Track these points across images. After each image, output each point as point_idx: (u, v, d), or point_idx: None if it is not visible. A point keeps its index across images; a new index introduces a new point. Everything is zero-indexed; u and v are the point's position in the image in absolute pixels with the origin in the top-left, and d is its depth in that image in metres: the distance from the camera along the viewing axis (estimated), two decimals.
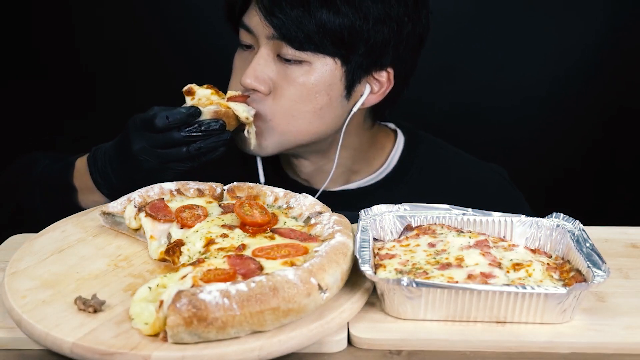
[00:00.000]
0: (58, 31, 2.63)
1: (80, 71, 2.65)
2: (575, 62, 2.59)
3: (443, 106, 2.63)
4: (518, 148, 2.70)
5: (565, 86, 2.62)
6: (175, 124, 1.57)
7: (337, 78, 1.71)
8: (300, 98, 1.70)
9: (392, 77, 1.79)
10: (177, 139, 1.58)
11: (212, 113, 1.61)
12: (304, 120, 1.73)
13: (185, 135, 1.58)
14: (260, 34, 1.70)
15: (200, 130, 1.59)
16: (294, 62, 1.69)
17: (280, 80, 1.70)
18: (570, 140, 2.67)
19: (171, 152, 1.60)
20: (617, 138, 2.68)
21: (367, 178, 1.94)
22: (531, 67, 2.61)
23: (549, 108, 2.67)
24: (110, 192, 1.69)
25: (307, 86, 1.69)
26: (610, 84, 2.60)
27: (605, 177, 2.74)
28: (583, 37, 2.56)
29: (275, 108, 1.71)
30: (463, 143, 2.10)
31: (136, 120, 1.62)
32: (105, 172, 1.68)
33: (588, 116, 2.64)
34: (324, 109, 1.73)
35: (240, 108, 1.66)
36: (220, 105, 1.64)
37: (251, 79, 1.69)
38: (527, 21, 2.58)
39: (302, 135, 1.75)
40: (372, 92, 1.79)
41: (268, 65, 1.70)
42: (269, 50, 1.70)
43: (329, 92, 1.71)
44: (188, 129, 1.58)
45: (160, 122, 1.57)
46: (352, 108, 1.77)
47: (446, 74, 2.49)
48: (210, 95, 1.66)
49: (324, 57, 1.68)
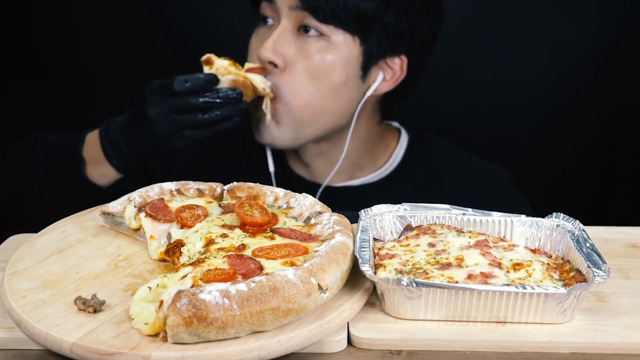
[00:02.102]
0: (58, 31, 2.63)
1: (80, 71, 2.65)
2: (575, 62, 2.59)
3: (444, 106, 2.63)
4: (518, 148, 2.70)
5: (565, 86, 2.62)
6: (193, 89, 1.59)
7: (355, 57, 1.73)
8: (318, 74, 1.71)
9: (405, 66, 1.81)
10: (194, 104, 1.60)
11: (230, 82, 1.63)
12: (321, 100, 1.73)
13: (203, 100, 1.60)
14: (282, 5, 1.71)
15: (218, 97, 1.61)
16: (314, 36, 1.70)
17: (298, 56, 1.71)
18: (570, 140, 2.67)
19: (187, 118, 1.61)
20: (617, 138, 2.68)
21: (371, 175, 1.94)
22: (531, 67, 2.61)
23: (549, 108, 2.67)
24: (120, 162, 1.70)
25: (325, 62, 1.71)
26: (610, 85, 2.60)
27: (605, 177, 2.74)
28: (583, 38, 2.56)
29: (292, 85, 1.72)
30: (463, 143, 2.11)
31: (154, 84, 1.63)
32: (116, 141, 1.68)
33: (588, 116, 2.64)
34: (340, 86, 1.74)
35: (258, 79, 1.69)
36: (239, 75, 1.66)
37: (269, 52, 1.71)
38: (527, 21, 2.58)
39: (317, 118, 1.75)
40: (385, 80, 1.81)
41: (287, 40, 1.71)
42: (290, 23, 1.71)
43: (346, 70, 1.73)
44: (206, 94, 1.60)
45: (179, 85, 1.58)
46: (366, 92, 1.79)
47: (447, 74, 2.49)
48: (229, 66, 1.68)
49: (344, 33, 1.70)
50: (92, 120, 2.26)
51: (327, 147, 1.88)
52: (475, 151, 2.06)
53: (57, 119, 2.64)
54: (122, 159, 1.69)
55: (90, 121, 1.91)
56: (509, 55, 2.59)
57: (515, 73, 2.61)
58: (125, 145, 1.67)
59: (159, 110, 1.60)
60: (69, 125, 1.89)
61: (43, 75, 2.66)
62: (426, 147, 2.00)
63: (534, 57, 2.60)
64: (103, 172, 1.73)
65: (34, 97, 2.66)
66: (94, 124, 1.80)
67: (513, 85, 2.62)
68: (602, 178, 2.74)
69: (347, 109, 1.80)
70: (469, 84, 2.63)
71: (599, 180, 2.74)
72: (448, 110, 2.65)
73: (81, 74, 2.66)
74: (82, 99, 2.68)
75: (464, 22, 2.40)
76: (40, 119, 2.65)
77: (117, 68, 2.67)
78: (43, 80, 2.66)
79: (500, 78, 2.60)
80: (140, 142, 1.66)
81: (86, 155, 1.74)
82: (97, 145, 1.71)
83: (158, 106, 1.60)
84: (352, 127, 1.82)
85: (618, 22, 2.58)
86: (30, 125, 2.54)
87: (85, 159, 1.74)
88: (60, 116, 2.66)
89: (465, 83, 2.63)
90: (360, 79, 1.77)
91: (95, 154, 1.72)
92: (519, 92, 2.64)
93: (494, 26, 2.51)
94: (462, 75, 2.61)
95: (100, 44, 2.64)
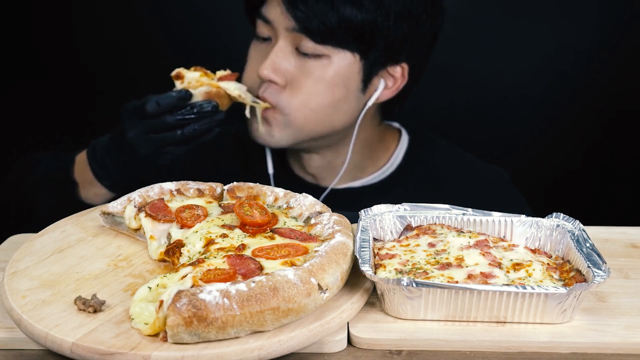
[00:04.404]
0: (58, 31, 2.63)
1: (80, 71, 2.65)
2: (575, 63, 2.59)
3: (444, 106, 2.63)
4: (518, 148, 2.70)
5: (565, 86, 2.62)
6: (166, 109, 1.59)
7: (355, 72, 1.72)
8: (319, 91, 1.71)
9: (407, 72, 1.80)
10: (170, 122, 1.60)
11: (203, 94, 1.62)
12: (321, 114, 1.73)
13: (179, 118, 1.60)
14: (279, 26, 1.70)
15: (193, 112, 1.60)
16: (313, 56, 1.69)
17: (298, 74, 1.71)
18: (570, 140, 2.67)
19: (166, 136, 1.61)
20: (616, 138, 2.68)
21: (371, 176, 1.94)
22: (531, 68, 2.61)
23: (548, 108, 2.67)
24: (111, 183, 1.70)
25: (326, 80, 1.70)
26: (609, 85, 2.60)
27: (604, 177, 2.74)
28: (582, 38, 2.56)
29: (293, 102, 1.72)
30: (463, 143, 2.11)
31: (128, 107, 1.63)
32: (104, 163, 1.68)
33: (587, 116, 2.64)
34: (340, 102, 1.74)
35: (232, 86, 1.67)
36: (211, 85, 1.64)
37: (269, 70, 1.70)
38: (527, 22, 2.58)
39: (318, 128, 1.76)
40: (386, 88, 1.81)
41: (286, 58, 1.71)
42: (288, 42, 1.70)
43: (347, 86, 1.73)
44: (180, 112, 1.59)
45: (151, 107, 1.58)
46: (367, 102, 1.78)
47: (447, 75, 2.49)
48: (200, 77, 1.67)
49: (344, 51, 1.69)
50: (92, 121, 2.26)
51: (328, 153, 1.88)
52: (475, 151, 2.06)
53: (57, 119, 2.65)
54: (112, 180, 1.70)
55: (91, 121, 1.92)
56: (509, 56, 2.59)
57: (515, 74, 2.61)
58: (113, 167, 1.68)
59: (136, 133, 1.61)
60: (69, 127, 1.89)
61: (43, 75, 2.66)
62: (426, 147, 2.00)
63: (534, 57, 2.60)
64: (96, 192, 1.74)
65: (34, 97, 2.66)
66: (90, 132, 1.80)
67: (513, 86, 2.62)
68: (602, 178, 2.74)
69: (348, 120, 1.80)
70: (469, 84, 2.63)
71: (599, 180, 2.74)
72: (448, 111, 2.65)
73: (81, 74, 2.66)
74: (82, 99, 2.68)
75: (464, 24, 2.40)
76: (41, 119, 2.66)
77: (117, 68, 2.67)
78: (43, 80, 2.66)
79: (500, 79, 2.60)
80: (126, 163, 1.66)
81: (78, 178, 1.75)
82: (87, 167, 1.72)
83: (135, 129, 1.61)
84: (355, 135, 1.82)
85: (617, 23, 2.58)
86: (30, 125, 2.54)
87: (77, 182, 1.75)
88: (60, 116, 2.66)
89: (465, 84, 2.63)
90: (361, 92, 1.77)
91: (86, 176, 1.73)
92: (518, 93, 2.64)
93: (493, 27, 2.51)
94: (462, 76, 2.61)
95: (100, 44, 2.64)
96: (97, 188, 1.72)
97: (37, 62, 2.66)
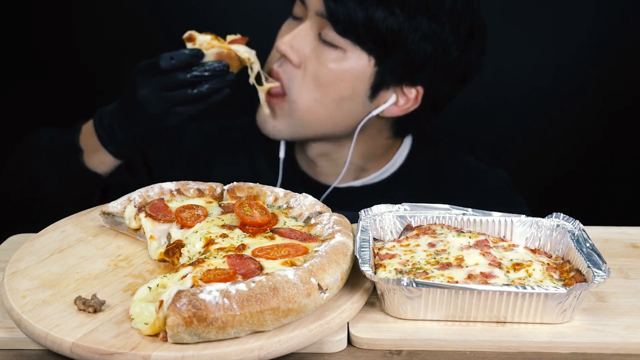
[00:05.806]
0: (58, 31, 2.63)
1: (80, 71, 2.65)
2: (575, 63, 2.59)
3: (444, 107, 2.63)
4: (518, 148, 2.70)
5: (565, 87, 2.62)
6: (179, 65, 1.61)
7: (366, 75, 1.73)
8: (327, 82, 1.72)
9: (420, 97, 1.79)
10: (182, 80, 1.61)
11: (215, 55, 1.65)
12: (324, 108, 1.75)
13: (192, 75, 1.61)
14: (310, 8, 1.73)
15: (205, 70, 1.62)
16: (331, 45, 1.71)
17: (312, 58, 1.73)
18: (569, 140, 2.67)
19: (177, 94, 1.62)
20: (616, 138, 2.68)
21: (373, 176, 1.95)
22: (531, 68, 2.61)
23: (548, 108, 2.67)
24: (116, 149, 1.71)
25: (336, 72, 1.72)
26: (609, 85, 2.60)
27: (604, 177, 2.74)
28: (581, 38, 2.56)
29: (301, 85, 1.74)
30: (464, 143, 2.11)
31: (140, 65, 1.65)
32: (110, 128, 1.70)
33: (587, 116, 2.64)
34: (344, 100, 1.75)
35: (242, 49, 1.71)
36: (222, 47, 1.67)
37: (286, 45, 1.74)
38: (527, 22, 2.58)
39: (319, 125, 1.78)
40: (396, 104, 1.80)
41: (306, 39, 1.73)
42: (313, 25, 1.73)
43: (354, 86, 1.74)
44: (193, 69, 1.61)
45: (165, 63, 1.60)
46: (372, 111, 1.79)
47: None
48: (211, 40, 1.70)
49: (361, 50, 1.70)
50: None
51: (331, 148, 1.88)
52: (475, 151, 2.06)
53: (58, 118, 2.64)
54: (117, 145, 1.71)
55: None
56: (508, 56, 2.59)
57: (515, 74, 2.60)
58: (120, 130, 1.69)
59: (148, 90, 1.62)
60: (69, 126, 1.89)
61: (43, 75, 2.66)
62: (428, 148, 2.01)
63: (534, 58, 2.60)
64: (101, 159, 1.75)
65: (34, 97, 2.66)
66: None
67: (512, 86, 2.62)
68: (602, 178, 2.74)
69: (350, 122, 1.80)
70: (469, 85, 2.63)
71: (599, 180, 2.74)
72: (448, 111, 2.65)
73: (81, 74, 2.66)
74: (82, 99, 2.67)
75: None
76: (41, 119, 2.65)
77: (117, 68, 2.67)
78: (43, 80, 2.66)
79: (499, 79, 2.60)
80: (134, 124, 1.68)
81: (83, 144, 1.76)
82: (93, 133, 1.74)
83: (148, 86, 1.62)
84: (355, 140, 1.82)
85: (617, 23, 2.58)
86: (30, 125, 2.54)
87: (82, 148, 1.76)
88: (60, 116, 2.66)
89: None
90: (368, 98, 1.77)
91: (91, 143, 1.74)
92: (518, 93, 2.64)
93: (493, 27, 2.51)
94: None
95: (100, 44, 2.64)
96: (102, 154, 1.73)
97: (37, 62, 2.66)
